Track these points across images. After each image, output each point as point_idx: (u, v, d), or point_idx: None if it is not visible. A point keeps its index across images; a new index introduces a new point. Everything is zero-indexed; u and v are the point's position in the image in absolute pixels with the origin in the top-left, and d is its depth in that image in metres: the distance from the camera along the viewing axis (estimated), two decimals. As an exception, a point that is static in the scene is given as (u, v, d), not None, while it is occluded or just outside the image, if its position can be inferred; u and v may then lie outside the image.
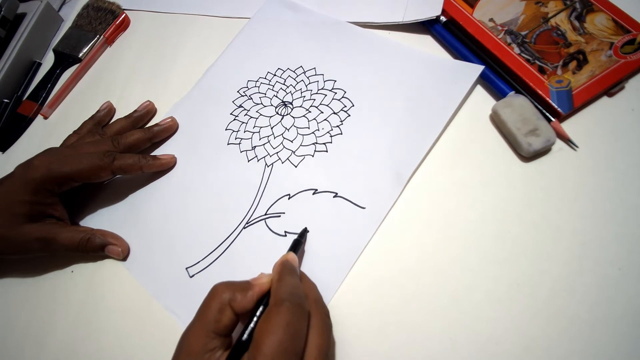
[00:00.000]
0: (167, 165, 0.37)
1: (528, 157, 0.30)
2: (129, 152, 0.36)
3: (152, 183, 0.37)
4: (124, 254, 0.34)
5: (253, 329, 0.23)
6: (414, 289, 0.28)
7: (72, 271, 0.35)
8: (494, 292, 0.27)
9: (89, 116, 0.42)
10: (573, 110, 0.30)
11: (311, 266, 0.30)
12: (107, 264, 0.35)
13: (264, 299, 0.24)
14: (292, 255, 0.27)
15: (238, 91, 0.39)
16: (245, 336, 0.22)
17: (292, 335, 0.21)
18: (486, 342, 0.25)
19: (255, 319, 0.23)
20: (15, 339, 0.34)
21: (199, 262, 0.32)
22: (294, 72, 0.39)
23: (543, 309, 0.26)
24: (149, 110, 0.41)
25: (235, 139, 0.37)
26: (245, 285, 0.24)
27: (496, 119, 0.31)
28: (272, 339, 0.20)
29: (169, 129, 0.39)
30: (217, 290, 0.24)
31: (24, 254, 0.34)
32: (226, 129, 0.38)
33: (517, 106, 0.30)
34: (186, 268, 0.32)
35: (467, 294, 0.27)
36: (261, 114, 0.37)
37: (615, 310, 0.25)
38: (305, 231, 0.31)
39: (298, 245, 0.29)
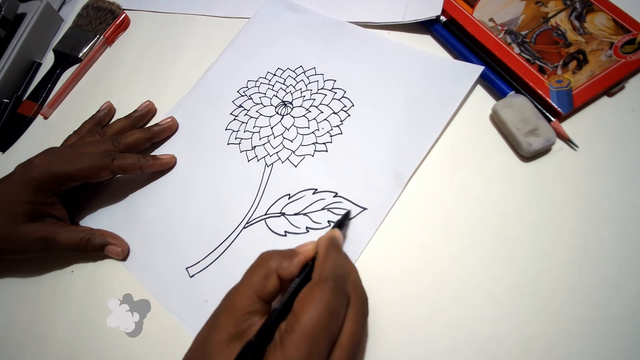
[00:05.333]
0: (166, 166, 0.37)
1: (528, 157, 0.30)
2: (129, 151, 0.36)
3: (152, 183, 0.37)
4: (123, 254, 0.34)
5: (290, 298, 0.23)
6: (414, 289, 0.28)
7: (72, 271, 0.35)
8: (494, 292, 0.27)
9: (89, 116, 0.42)
10: (573, 110, 0.30)
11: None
12: (107, 264, 0.35)
13: (307, 266, 0.25)
14: (338, 232, 0.27)
15: (238, 91, 0.39)
16: (282, 305, 0.23)
17: (331, 315, 0.21)
18: (486, 342, 0.25)
19: (292, 288, 0.23)
20: (16, 339, 0.34)
21: (199, 262, 0.32)
22: (293, 71, 0.39)
23: (543, 309, 0.26)
24: (149, 110, 0.41)
25: (235, 138, 0.37)
26: (290, 253, 0.25)
27: (496, 119, 0.31)
28: (312, 313, 0.21)
29: (169, 129, 0.39)
30: (264, 257, 0.25)
31: (24, 254, 0.34)
32: (226, 129, 0.38)
33: (517, 106, 0.30)
34: (186, 268, 0.32)
35: (467, 294, 0.27)
36: (261, 114, 0.37)
37: (615, 310, 0.25)
38: (349, 213, 0.31)
39: (342, 225, 0.29)
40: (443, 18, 0.36)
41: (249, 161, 0.35)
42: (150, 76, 0.44)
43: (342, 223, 0.29)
